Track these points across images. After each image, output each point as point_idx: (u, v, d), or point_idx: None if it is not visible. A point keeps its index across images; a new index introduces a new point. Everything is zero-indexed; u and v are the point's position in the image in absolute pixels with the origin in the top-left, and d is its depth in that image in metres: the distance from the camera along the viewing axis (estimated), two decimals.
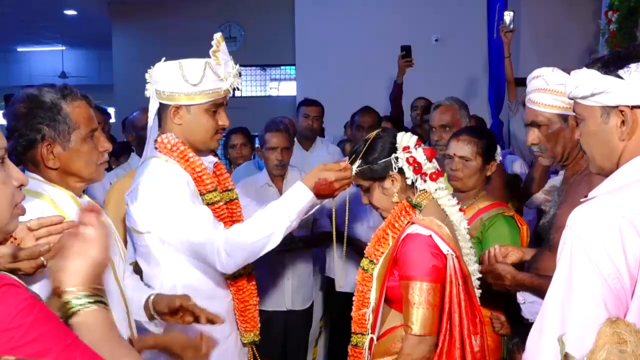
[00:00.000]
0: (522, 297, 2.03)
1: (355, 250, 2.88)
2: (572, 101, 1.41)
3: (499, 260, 2.07)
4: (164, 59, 2.02)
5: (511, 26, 4.25)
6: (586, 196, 1.26)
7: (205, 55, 1.98)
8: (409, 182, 1.99)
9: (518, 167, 3.34)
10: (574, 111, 1.41)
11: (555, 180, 2.66)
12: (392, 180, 1.99)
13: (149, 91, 2.05)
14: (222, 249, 1.89)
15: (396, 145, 1.99)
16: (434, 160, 2.02)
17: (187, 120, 2.00)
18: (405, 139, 2.00)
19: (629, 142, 1.28)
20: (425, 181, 1.98)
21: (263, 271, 2.82)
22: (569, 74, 1.38)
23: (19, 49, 13.79)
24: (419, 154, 1.98)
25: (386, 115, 4.50)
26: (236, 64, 2.03)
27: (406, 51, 4.08)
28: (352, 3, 6.68)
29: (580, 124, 1.38)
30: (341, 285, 3.26)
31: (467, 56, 6.36)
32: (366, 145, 2.01)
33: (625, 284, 1.11)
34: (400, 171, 1.98)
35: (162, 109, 2.03)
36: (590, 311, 1.10)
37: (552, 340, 1.04)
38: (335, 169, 1.96)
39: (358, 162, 2.00)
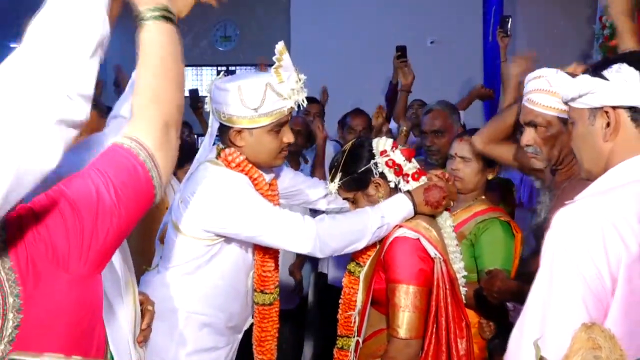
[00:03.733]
0: (512, 304, 2.02)
1: None
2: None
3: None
4: (222, 74, 1.95)
5: (508, 30, 4.24)
6: (572, 199, 1.25)
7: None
8: (392, 185, 2.00)
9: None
10: (568, 115, 1.40)
11: None
12: (376, 186, 1.99)
13: (209, 106, 1.96)
14: (314, 236, 1.84)
15: (373, 151, 2.00)
16: (413, 160, 2.02)
17: (250, 142, 1.91)
18: (381, 143, 2.01)
19: (615, 146, 1.27)
20: (407, 182, 1.99)
21: None
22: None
23: (12, 45, 13.71)
24: (397, 156, 1.98)
25: None
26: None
27: (401, 51, 4.07)
28: (348, 4, 6.65)
29: (573, 127, 1.37)
30: None
31: (462, 59, 6.33)
32: (344, 157, 2.01)
33: (606, 284, 1.10)
34: (382, 176, 1.99)
35: (223, 127, 1.94)
36: (571, 312, 1.10)
37: (532, 340, 1.02)
38: (442, 179, 1.98)
39: (339, 175, 2.00)
